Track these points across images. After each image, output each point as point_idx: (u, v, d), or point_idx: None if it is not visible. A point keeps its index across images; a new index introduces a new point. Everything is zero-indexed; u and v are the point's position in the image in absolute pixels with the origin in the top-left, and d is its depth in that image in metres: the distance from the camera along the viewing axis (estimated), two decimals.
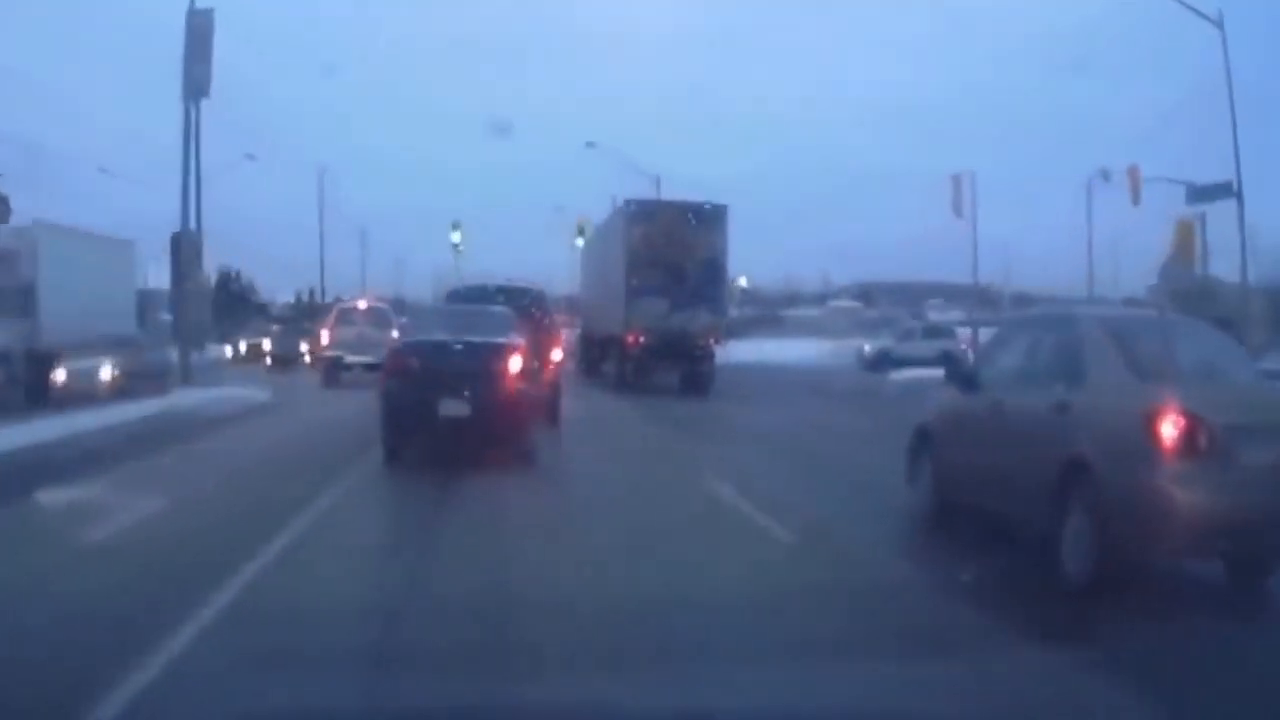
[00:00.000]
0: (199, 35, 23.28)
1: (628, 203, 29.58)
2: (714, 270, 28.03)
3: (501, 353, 14.06)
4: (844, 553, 9.30)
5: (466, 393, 13.60)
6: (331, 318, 31.60)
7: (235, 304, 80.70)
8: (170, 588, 7.25)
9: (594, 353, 31.51)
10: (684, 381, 27.52)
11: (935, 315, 66.10)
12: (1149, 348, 8.38)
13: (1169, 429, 7.42)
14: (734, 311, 66.80)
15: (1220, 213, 36.09)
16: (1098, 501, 7.67)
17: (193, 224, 24.02)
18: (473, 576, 8.02)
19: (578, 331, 35.32)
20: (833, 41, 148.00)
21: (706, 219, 28.20)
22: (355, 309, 32.05)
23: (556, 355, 19.57)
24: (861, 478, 13.65)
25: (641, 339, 27.08)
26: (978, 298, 59.85)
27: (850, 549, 9.44)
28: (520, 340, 14.70)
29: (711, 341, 27.89)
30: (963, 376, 10.40)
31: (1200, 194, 35.92)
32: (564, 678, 5.68)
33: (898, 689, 5.45)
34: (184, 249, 24.04)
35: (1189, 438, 7.39)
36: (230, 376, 28.76)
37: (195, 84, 23.28)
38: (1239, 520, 7.44)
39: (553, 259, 64.04)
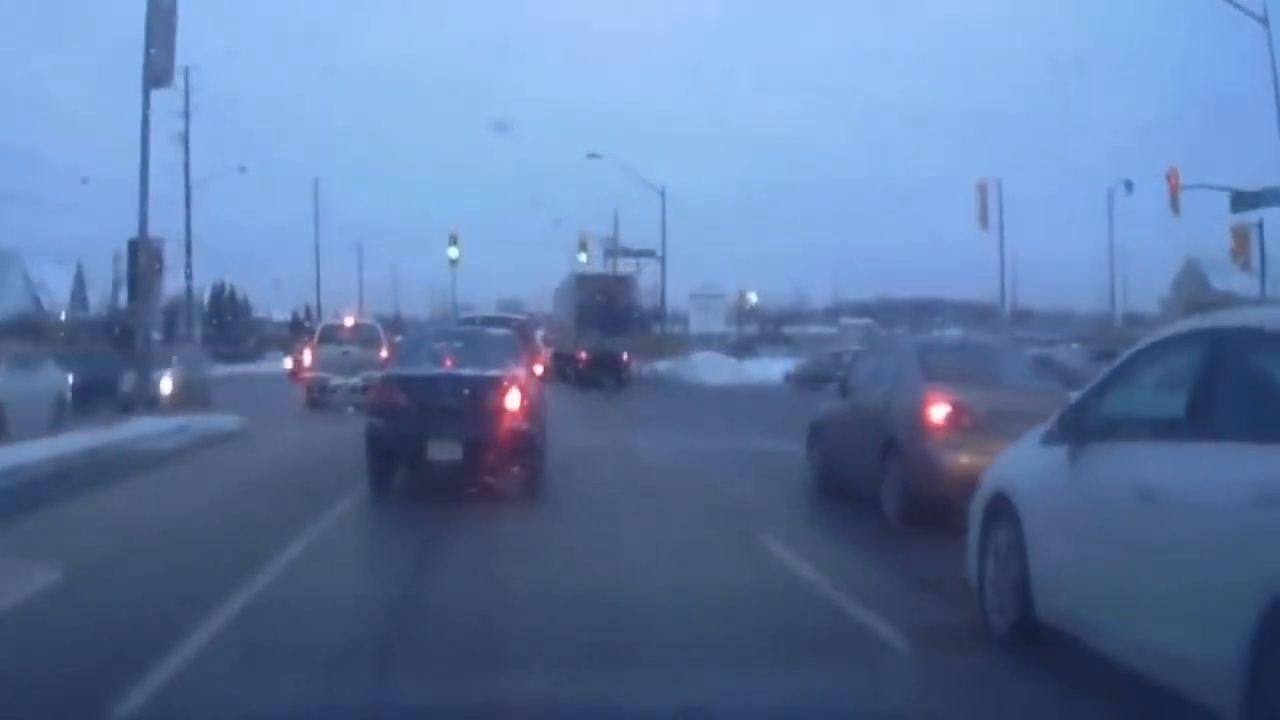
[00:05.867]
0: (161, 15, 20.65)
1: (576, 274, 48.30)
2: (629, 313, 45.63)
3: (498, 387, 12.69)
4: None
5: (458, 433, 12.31)
6: (314, 336, 29.17)
7: (228, 321, 78.86)
8: None
9: (558, 364, 41.49)
10: (611, 381, 40.11)
11: (936, 334, 63.67)
12: (941, 361, 12.07)
13: (936, 412, 10.84)
14: (732, 328, 65.75)
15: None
16: (901, 466, 10.99)
17: (163, 230, 21.78)
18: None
19: (552, 350, 46.20)
20: (835, 51, 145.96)
21: (626, 282, 48.10)
22: (341, 326, 29.73)
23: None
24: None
25: (585, 355, 41.31)
26: (976, 315, 57.70)
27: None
28: (520, 370, 13.25)
29: (625, 356, 42.23)
30: (839, 385, 13.95)
31: (1246, 200, 33.59)
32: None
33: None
34: (142, 257, 21.28)
35: (953, 419, 10.76)
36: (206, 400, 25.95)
37: (155, 71, 20.65)
38: None
39: (553, 272, 62.12)
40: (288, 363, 41.11)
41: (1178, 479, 5.17)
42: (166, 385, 25.44)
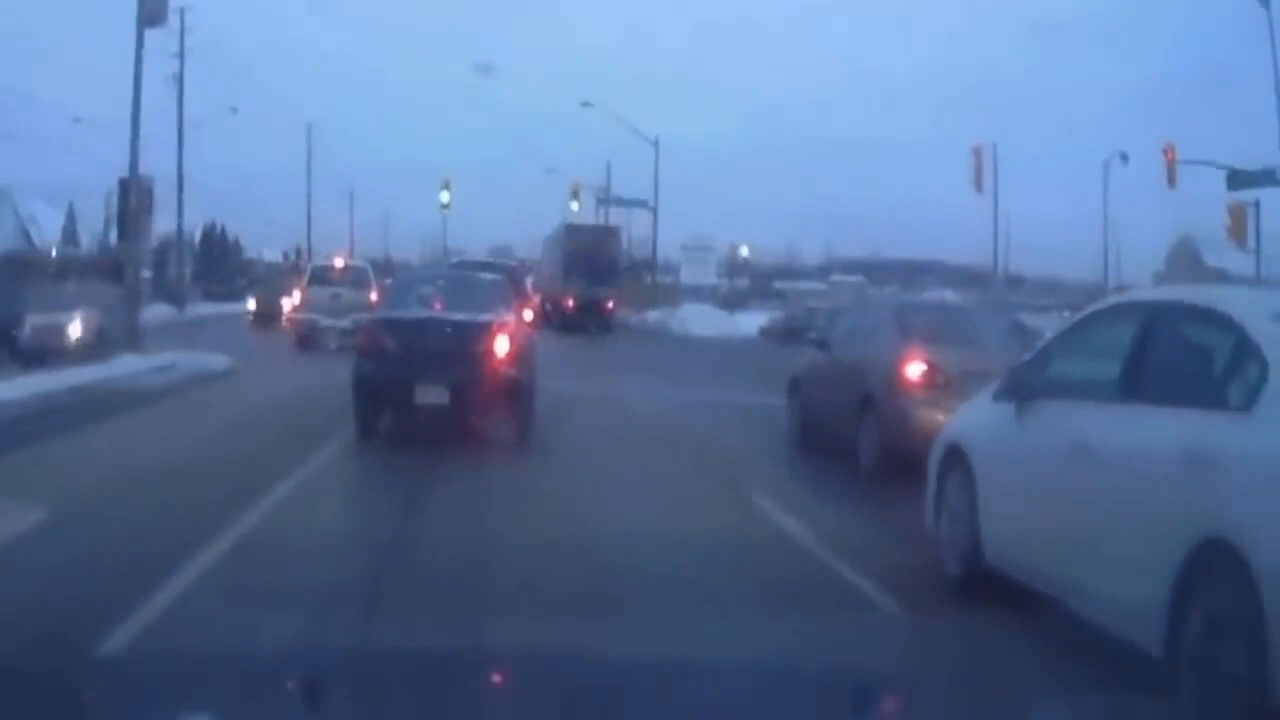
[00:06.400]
0: None
1: (565, 224, 49.75)
2: (613, 264, 47.21)
3: (485, 332, 12.67)
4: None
5: (445, 378, 12.22)
6: (304, 277, 29.10)
7: (218, 260, 78.51)
8: None
9: (546, 310, 42.65)
10: (595, 327, 41.76)
11: (930, 295, 63.57)
12: (919, 321, 12.63)
13: (913, 371, 11.29)
14: (724, 280, 65.81)
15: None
16: (877, 419, 11.50)
17: (156, 171, 21.55)
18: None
19: (540, 296, 47.79)
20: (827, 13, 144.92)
21: (610, 234, 49.99)
22: (331, 268, 29.64)
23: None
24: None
25: (571, 301, 43.34)
26: (968, 279, 57.68)
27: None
28: (510, 316, 13.18)
29: (610, 304, 44.70)
30: (818, 341, 14.59)
31: (1242, 179, 33.49)
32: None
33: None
34: (133, 197, 21.16)
35: (928, 377, 11.14)
36: (193, 340, 25.74)
37: (149, 9, 20.48)
38: None
39: (544, 220, 61.70)
40: (251, 303, 38.93)
41: (1111, 436, 5.68)
42: (75, 328, 21.52)
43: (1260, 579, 4.44)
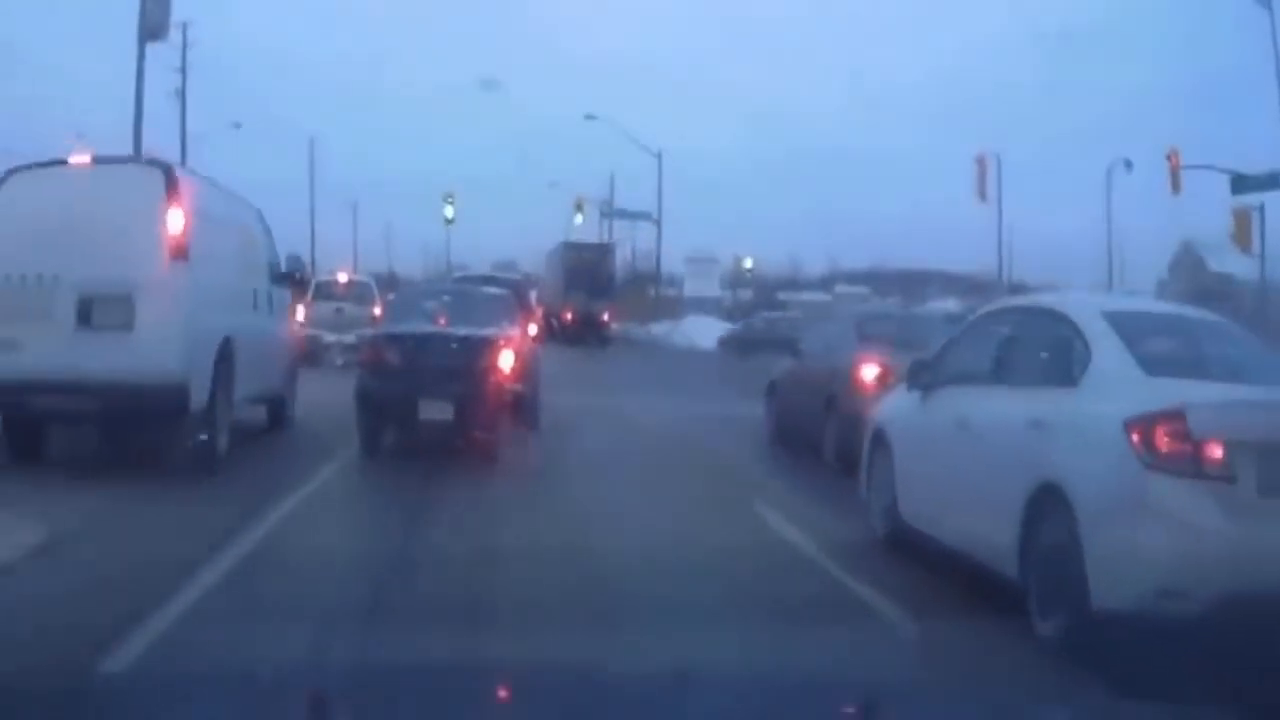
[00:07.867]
0: None
1: (563, 241, 51.48)
2: (609, 279, 49.02)
3: (490, 347, 12.59)
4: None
5: (449, 393, 12.13)
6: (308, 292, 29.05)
7: None
8: None
9: (552, 325, 44.23)
10: (594, 339, 43.94)
11: (934, 305, 63.87)
12: (876, 329, 13.97)
13: (868, 372, 12.32)
14: (728, 292, 65.87)
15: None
16: (839, 419, 12.49)
17: None
18: None
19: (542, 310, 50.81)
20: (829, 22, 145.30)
21: (606, 250, 51.68)
22: (334, 283, 29.62)
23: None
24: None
25: (570, 315, 45.35)
26: (970, 287, 57.72)
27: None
28: (514, 330, 13.28)
29: (607, 317, 46.58)
30: (792, 349, 16.02)
31: (1246, 184, 33.38)
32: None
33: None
34: None
35: (882, 379, 11.78)
36: None
37: (151, 23, 20.54)
38: None
39: (547, 234, 61.24)
40: None
41: (981, 412, 7.24)
42: None
43: (1078, 512, 5.88)
